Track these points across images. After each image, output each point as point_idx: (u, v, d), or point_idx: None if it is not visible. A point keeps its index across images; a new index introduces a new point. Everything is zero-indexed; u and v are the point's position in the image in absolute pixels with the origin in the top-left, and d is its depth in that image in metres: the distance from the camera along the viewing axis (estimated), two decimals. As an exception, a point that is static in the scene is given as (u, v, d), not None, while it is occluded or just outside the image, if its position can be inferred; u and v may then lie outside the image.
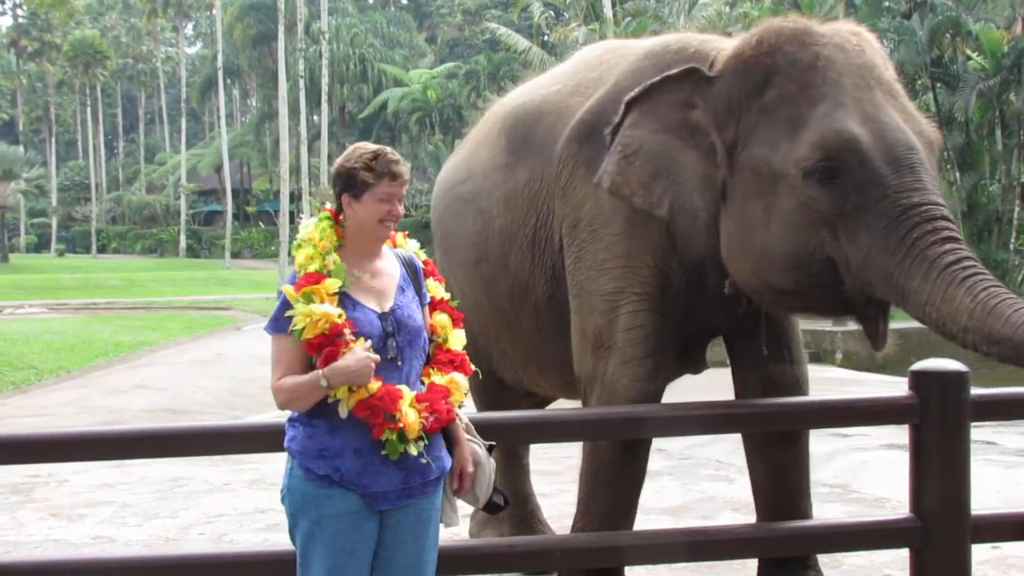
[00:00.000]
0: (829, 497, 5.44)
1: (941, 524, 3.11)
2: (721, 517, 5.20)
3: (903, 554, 3.31)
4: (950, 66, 21.38)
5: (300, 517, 2.56)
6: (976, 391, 3.18)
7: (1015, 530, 3.41)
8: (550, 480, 5.49)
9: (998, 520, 3.38)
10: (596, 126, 3.37)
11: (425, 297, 2.73)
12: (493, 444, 2.81)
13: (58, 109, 62.35)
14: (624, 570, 3.52)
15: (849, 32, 3.09)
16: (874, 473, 6.03)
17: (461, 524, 2.97)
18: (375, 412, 2.48)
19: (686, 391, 3.61)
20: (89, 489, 6.29)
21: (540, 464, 4.60)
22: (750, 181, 3.00)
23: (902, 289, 2.80)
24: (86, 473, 6.61)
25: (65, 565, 3.35)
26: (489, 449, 2.77)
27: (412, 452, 2.51)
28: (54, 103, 60.92)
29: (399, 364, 2.58)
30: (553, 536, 4.19)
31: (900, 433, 4.01)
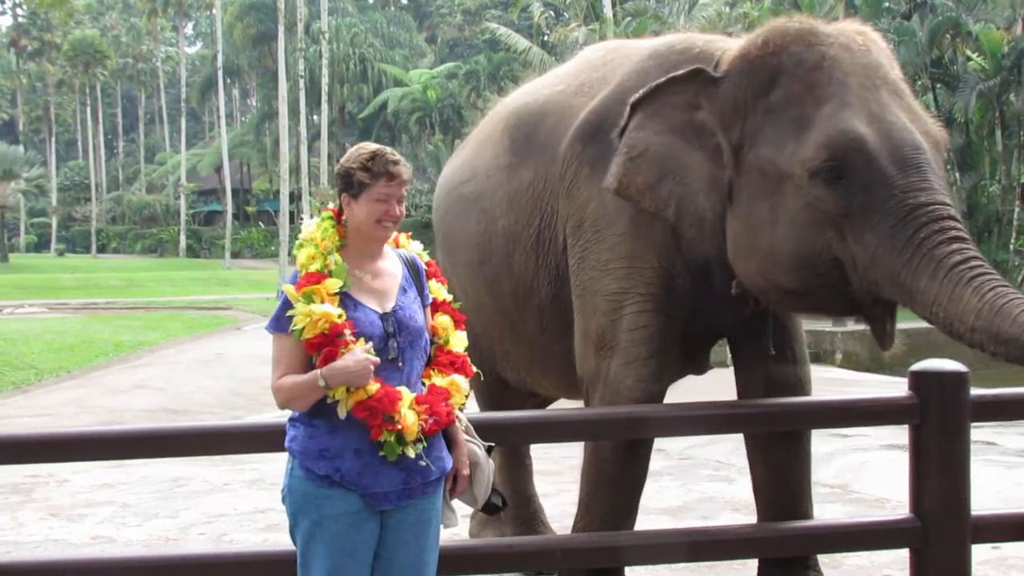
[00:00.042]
0: (829, 497, 5.44)
1: (941, 524, 3.11)
2: (721, 517, 5.20)
3: (903, 554, 3.31)
4: (950, 67, 21.38)
5: (301, 517, 2.55)
6: (976, 391, 3.18)
7: (1015, 530, 3.41)
8: (551, 480, 5.48)
9: (998, 520, 3.38)
10: (600, 126, 3.36)
11: (427, 298, 2.72)
12: (492, 445, 2.81)
13: (58, 109, 62.35)
14: (624, 570, 3.52)
15: (855, 32, 3.08)
16: (874, 473, 6.03)
17: (461, 524, 2.97)
18: (374, 413, 2.47)
19: (688, 391, 3.61)
20: (89, 489, 6.28)
21: (541, 464, 4.60)
22: (756, 181, 2.99)
23: (909, 289, 2.79)
24: (86, 473, 6.61)
25: (65, 565, 3.35)
26: (488, 450, 2.77)
27: (410, 454, 2.51)
28: (54, 103, 60.93)
29: (400, 365, 2.57)
30: (553, 536, 4.19)
31: (900, 433, 4.00)
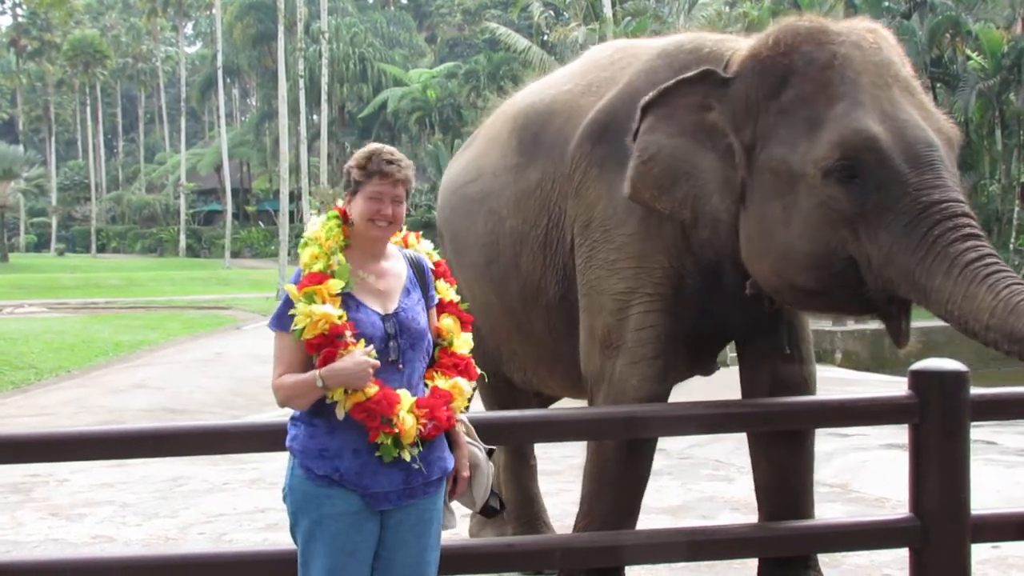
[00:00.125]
0: (829, 497, 5.44)
1: (941, 524, 3.11)
2: (721, 517, 5.19)
3: (903, 554, 3.31)
4: (950, 66, 21.41)
5: (301, 516, 2.55)
6: (976, 391, 3.18)
7: (1015, 530, 3.41)
8: (551, 479, 5.48)
9: (998, 520, 3.38)
10: (609, 126, 3.36)
11: (433, 299, 2.70)
12: (493, 448, 2.80)
13: (58, 108, 62.37)
14: (625, 570, 3.51)
15: (865, 30, 3.07)
16: (874, 473, 6.03)
17: (460, 523, 2.97)
18: (371, 415, 2.47)
19: (689, 391, 3.61)
20: (89, 488, 6.28)
21: (541, 463, 4.59)
22: (769, 181, 2.98)
23: (924, 287, 2.78)
24: (86, 473, 6.60)
25: (65, 565, 3.35)
26: (489, 453, 2.76)
27: (405, 458, 2.49)
28: (54, 102, 60.95)
29: (400, 367, 2.56)
30: (553, 536, 4.19)
31: (900, 433, 4.00)
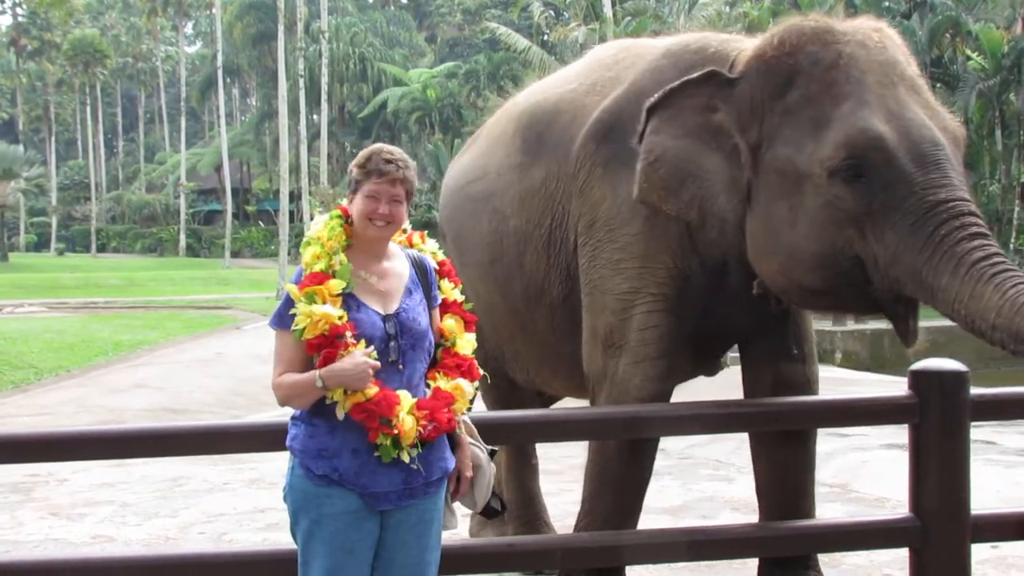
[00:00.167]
0: (829, 497, 5.43)
1: (941, 524, 3.11)
2: (721, 517, 5.19)
3: (903, 554, 3.31)
4: (950, 66, 21.42)
5: (301, 516, 2.55)
6: (976, 391, 3.18)
7: (1015, 530, 3.41)
8: (551, 479, 5.47)
9: (998, 520, 3.38)
10: (614, 125, 3.35)
11: (435, 299, 2.69)
12: (495, 449, 2.80)
13: (58, 108, 62.36)
14: (625, 570, 3.52)
15: (871, 29, 3.07)
16: (874, 473, 6.03)
17: (461, 523, 2.97)
18: (371, 416, 2.46)
19: (690, 390, 3.61)
20: (89, 488, 6.28)
21: (541, 463, 4.59)
22: (775, 182, 2.98)
23: (931, 286, 2.78)
24: (86, 472, 6.60)
25: (65, 564, 3.34)
26: (491, 454, 2.76)
27: (404, 459, 2.49)
28: (54, 102, 60.94)
29: (401, 367, 2.56)
30: (554, 535, 4.19)
31: (900, 433, 4.00)
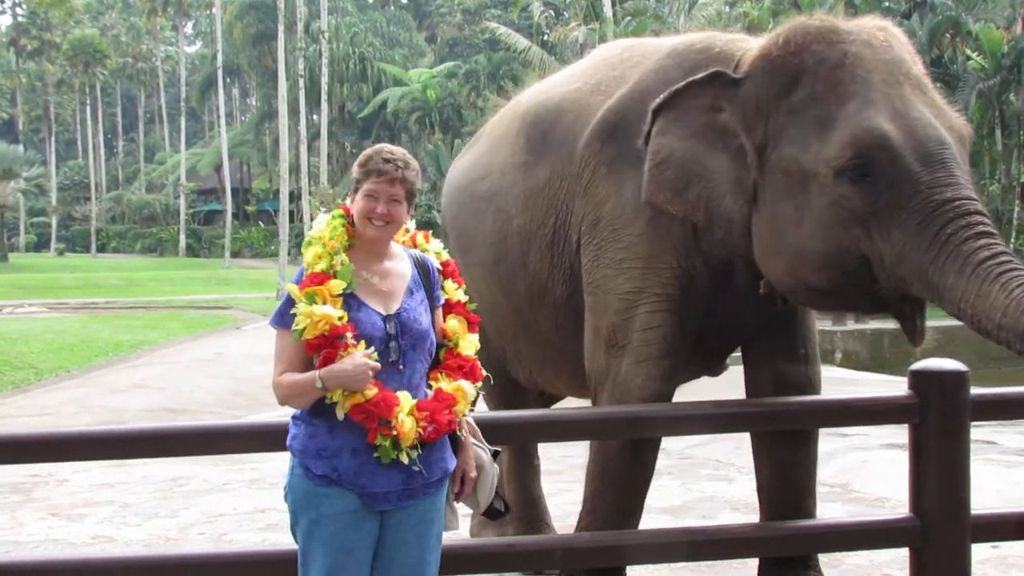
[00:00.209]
0: (829, 496, 5.43)
1: (941, 523, 3.11)
2: (721, 516, 5.19)
3: (903, 553, 3.31)
4: (950, 66, 21.42)
5: (300, 515, 2.55)
6: (976, 391, 3.17)
7: (1014, 529, 3.41)
8: (550, 479, 5.46)
9: (998, 519, 3.38)
10: (619, 125, 3.35)
11: (438, 300, 2.69)
12: (498, 450, 2.79)
13: (58, 108, 62.38)
14: (626, 569, 3.51)
15: (876, 28, 3.07)
16: (874, 473, 6.02)
17: (462, 523, 2.96)
18: (370, 417, 2.46)
19: (692, 390, 3.60)
20: (89, 489, 6.28)
21: (541, 463, 4.59)
22: (781, 182, 2.98)
23: (937, 285, 2.78)
24: (86, 473, 6.60)
25: (65, 565, 3.34)
26: (494, 455, 2.75)
27: (403, 460, 2.48)
28: (54, 102, 60.96)
29: (401, 368, 2.55)
30: (554, 535, 4.19)
31: (900, 433, 4.01)
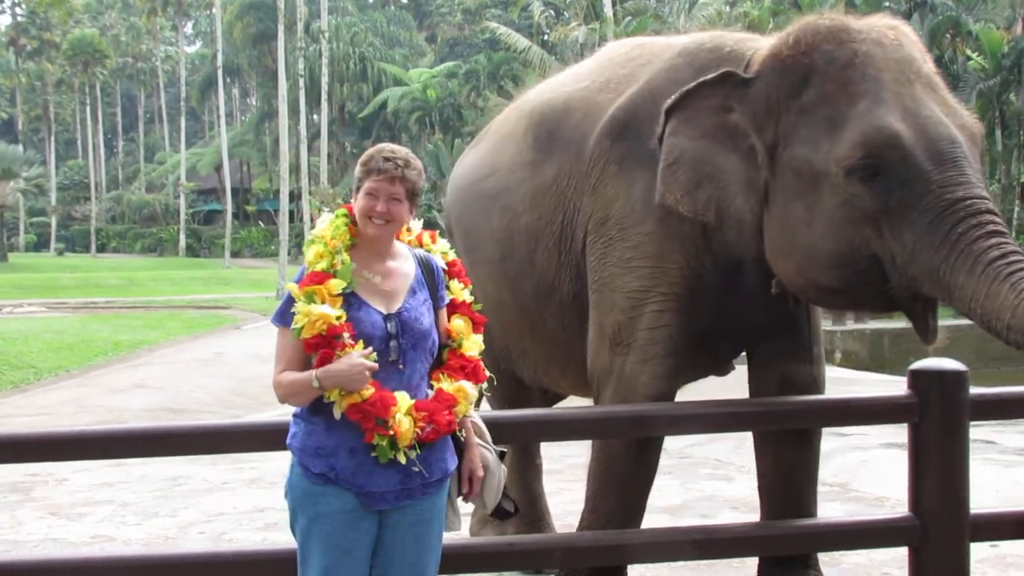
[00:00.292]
0: (828, 496, 5.43)
1: (940, 523, 3.11)
2: (720, 516, 5.19)
3: (902, 553, 3.31)
4: (950, 66, 21.41)
5: (299, 513, 2.56)
6: (975, 390, 3.18)
7: (1014, 529, 3.41)
8: (551, 478, 5.46)
9: (997, 519, 3.37)
10: (629, 123, 3.35)
11: (442, 300, 2.68)
12: (504, 450, 2.79)
13: (57, 108, 62.38)
14: (627, 569, 3.51)
15: (886, 27, 3.06)
16: (873, 472, 6.02)
17: (464, 523, 2.96)
18: (367, 417, 2.46)
19: (692, 390, 3.60)
20: (88, 488, 6.28)
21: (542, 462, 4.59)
22: (792, 181, 2.98)
23: (947, 285, 2.78)
24: (85, 472, 6.60)
25: (64, 564, 3.34)
26: (501, 455, 2.75)
27: (401, 460, 2.48)
28: (53, 102, 60.94)
29: (401, 367, 2.55)
30: (554, 535, 4.18)
31: (899, 432, 4.00)
